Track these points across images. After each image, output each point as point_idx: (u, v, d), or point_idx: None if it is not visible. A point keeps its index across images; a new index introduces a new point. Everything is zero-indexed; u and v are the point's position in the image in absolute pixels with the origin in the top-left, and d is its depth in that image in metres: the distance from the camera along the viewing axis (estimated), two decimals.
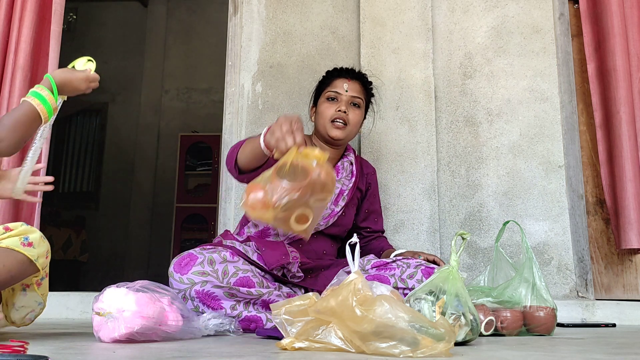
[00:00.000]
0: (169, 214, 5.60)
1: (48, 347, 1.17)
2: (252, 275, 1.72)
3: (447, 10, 2.54)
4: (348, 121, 1.95)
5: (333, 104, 1.97)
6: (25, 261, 1.30)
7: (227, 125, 2.56)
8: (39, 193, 2.39)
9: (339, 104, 1.96)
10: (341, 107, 1.95)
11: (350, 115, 1.96)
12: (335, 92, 1.97)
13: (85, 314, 2.26)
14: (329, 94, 1.98)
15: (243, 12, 2.64)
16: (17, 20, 2.47)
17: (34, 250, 1.31)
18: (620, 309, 2.17)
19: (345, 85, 1.98)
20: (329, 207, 1.94)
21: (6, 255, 1.27)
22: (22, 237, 1.31)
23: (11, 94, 2.40)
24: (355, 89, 1.99)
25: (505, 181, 2.37)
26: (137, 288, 1.34)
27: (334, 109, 1.95)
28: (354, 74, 2.03)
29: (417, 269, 1.81)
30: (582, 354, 1.15)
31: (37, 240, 1.33)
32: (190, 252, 1.69)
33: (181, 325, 1.37)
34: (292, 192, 1.34)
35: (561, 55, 2.47)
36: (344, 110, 1.94)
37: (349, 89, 1.97)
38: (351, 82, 1.99)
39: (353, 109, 1.97)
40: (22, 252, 1.29)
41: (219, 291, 1.65)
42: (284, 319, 1.17)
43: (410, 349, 1.03)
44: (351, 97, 1.97)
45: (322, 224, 1.95)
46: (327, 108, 1.97)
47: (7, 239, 1.29)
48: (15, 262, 1.28)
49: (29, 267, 1.31)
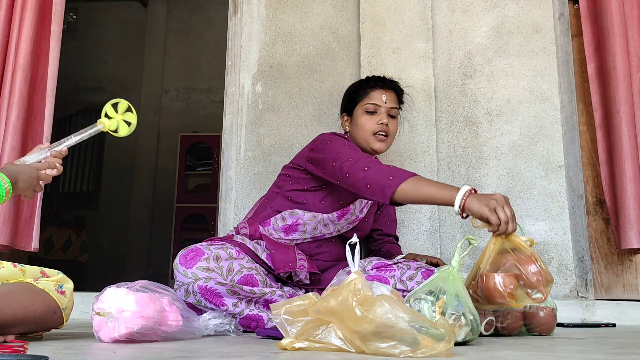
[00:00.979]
0: (169, 214, 5.60)
1: (48, 347, 1.17)
2: (256, 274, 1.72)
3: (447, 10, 2.54)
4: (389, 132, 1.94)
5: (373, 117, 1.94)
6: (53, 308, 1.29)
7: (227, 125, 2.56)
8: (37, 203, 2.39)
9: (379, 117, 1.94)
10: (382, 119, 1.93)
11: (390, 127, 1.95)
12: (374, 105, 1.95)
13: (85, 314, 2.26)
14: (367, 106, 1.95)
15: (243, 12, 2.64)
16: (17, 20, 2.47)
17: (64, 299, 1.32)
18: (620, 309, 2.17)
19: (383, 96, 1.96)
20: (357, 212, 1.97)
21: (38, 297, 1.26)
22: (58, 284, 1.32)
23: (11, 94, 2.40)
24: (392, 99, 1.98)
25: (505, 181, 2.37)
26: (137, 288, 1.34)
27: (375, 122, 1.93)
28: (390, 84, 2.01)
29: (417, 271, 1.81)
30: (582, 354, 1.15)
31: (69, 292, 1.34)
32: (198, 246, 1.70)
33: (181, 325, 1.37)
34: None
35: (561, 55, 2.47)
36: (386, 123, 1.93)
37: (387, 100, 1.96)
38: (388, 92, 1.98)
39: (391, 120, 1.97)
40: (54, 298, 1.29)
41: (222, 288, 1.65)
42: (284, 319, 1.17)
43: (410, 349, 1.03)
44: (390, 108, 1.96)
45: (345, 227, 1.97)
46: (367, 121, 1.94)
47: (44, 282, 1.30)
48: (43, 307, 1.26)
49: (54, 316, 1.30)
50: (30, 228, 2.38)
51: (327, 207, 1.92)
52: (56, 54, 2.48)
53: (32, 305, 1.24)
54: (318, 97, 2.53)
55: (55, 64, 2.47)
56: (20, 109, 2.40)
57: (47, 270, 1.34)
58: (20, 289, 1.24)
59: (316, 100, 2.52)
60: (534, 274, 1.42)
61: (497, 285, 1.40)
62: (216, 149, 5.36)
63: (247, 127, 2.53)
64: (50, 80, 2.46)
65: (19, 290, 1.24)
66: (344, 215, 1.94)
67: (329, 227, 1.95)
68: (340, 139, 1.89)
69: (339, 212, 1.93)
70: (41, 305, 1.26)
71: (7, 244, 2.31)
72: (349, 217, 1.96)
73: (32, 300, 1.24)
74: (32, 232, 2.37)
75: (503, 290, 1.39)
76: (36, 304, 1.25)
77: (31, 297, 1.24)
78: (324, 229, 1.95)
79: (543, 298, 1.42)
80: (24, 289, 1.25)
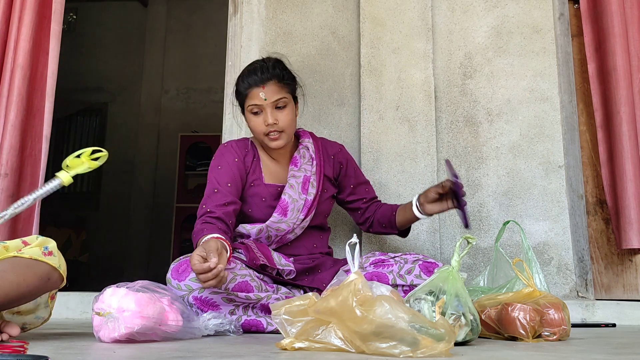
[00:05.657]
0: (169, 214, 5.60)
1: (48, 347, 1.17)
2: (251, 280, 1.71)
3: (447, 10, 2.54)
4: (282, 128, 1.86)
5: (259, 117, 1.86)
6: (47, 274, 1.27)
7: (227, 125, 2.56)
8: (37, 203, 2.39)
9: (264, 116, 1.85)
10: (267, 119, 1.84)
11: (281, 120, 1.85)
12: (255, 105, 1.85)
13: (85, 314, 2.26)
14: (250, 107, 1.87)
15: (243, 12, 2.64)
16: (16, 19, 2.46)
17: (55, 258, 1.30)
18: (620, 309, 2.17)
19: (261, 94, 1.84)
20: (299, 197, 1.91)
21: (27, 270, 1.24)
22: (42, 247, 1.30)
23: (10, 92, 2.40)
24: (274, 91, 1.85)
25: (505, 181, 2.37)
26: (137, 288, 1.34)
27: (263, 123, 1.85)
28: (266, 76, 1.86)
29: (415, 264, 1.80)
30: (582, 354, 1.15)
31: (56, 250, 1.32)
32: (188, 258, 1.66)
33: (181, 326, 1.37)
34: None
35: (561, 55, 2.47)
36: (272, 122, 1.84)
37: (267, 96, 1.84)
38: (266, 86, 1.84)
39: (280, 112, 1.86)
40: (45, 261, 1.27)
41: (217, 297, 1.65)
42: (283, 319, 1.17)
43: (410, 349, 1.03)
44: (273, 102, 1.85)
45: (306, 220, 1.94)
46: (255, 123, 1.87)
47: (28, 250, 1.28)
48: (35, 278, 1.24)
49: (48, 282, 1.28)
50: (29, 228, 2.38)
51: (259, 214, 1.91)
52: (56, 52, 2.47)
53: (24, 280, 1.22)
54: (318, 97, 2.53)
55: (55, 63, 2.47)
56: (19, 108, 2.40)
57: (27, 238, 1.32)
58: (7, 267, 1.22)
59: (316, 100, 2.52)
60: (557, 319, 1.42)
61: (520, 317, 1.39)
62: (216, 149, 5.35)
63: (247, 127, 2.53)
64: (50, 79, 2.45)
65: (6, 268, 1.22)
66: (287, 208, 1.89)
67: (282, 227, 1.90)
68: (214, 164, 1.92)
69: (277, 210, 1.89)
70: (32, 278, 1.24)
71: None
72: (292, 206, 1.90)
73: (23, 276, 1.22)
74: (32, 231, 2.37)
75: (526, 324, 1.38)
76: (28, 278, 1.23)
77: (21, 272, 1.22)
78: (277, 232, 1.90)
79: (555, 338, 1.41)
80: (11, 266, 1.23)
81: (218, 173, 1.89)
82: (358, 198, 2.08)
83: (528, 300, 1.44)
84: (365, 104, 2.44)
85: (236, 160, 1.92)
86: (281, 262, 1.84)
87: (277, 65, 1.91)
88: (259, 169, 1.95)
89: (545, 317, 1.42)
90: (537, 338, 1.40)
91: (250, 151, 1.97)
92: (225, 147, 1.97)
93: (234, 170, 1.90)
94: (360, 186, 2.09)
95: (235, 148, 1.96)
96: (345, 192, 2.07)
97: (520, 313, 1.39)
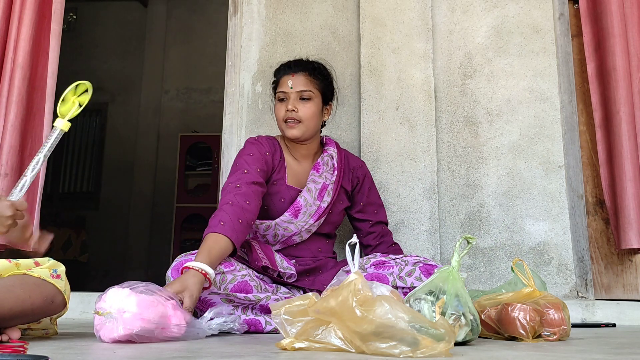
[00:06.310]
0: (169, 214, 5.60)
1: (48, 347, 1.17)
2: (250, 280, 1.71)
3: (447, 10, 2.54)
4: (300, 118, 1.91)
5: (283, 104, 1.94)
6: (52, 297, 1.29)
7: (227, 125, 2.56)
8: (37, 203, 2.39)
9: (287, 103, 1.92)
10: (289, 106, 1.91)
11: (301, 111, 1.91)
12: (282, 92, 1.94)
13: (85, 314, 2.26)
14: (278, 94, 1.96)
15: (243, 12, 2.64)
16: (16, 19, 2.46)
17: (62, 282, 1.33)
18: (620, 309, 2.17)
19: (289, 82, 1.93)
20: (313, 203, 1.93)
21: (34, 289, 1.26)
22: (52, 269, 1.33)
23: (10, 92, 2.40)
24: (301, 82, 1.93)
25: (505, 181, 2.37)
26: (141, 290, 1.32)
27: (284, 109, 1.92)
28: (298, 67, 1.96)
29: (415, 267, 1.80)
30: (582, 354, 1.15)
31: (64, 275, 1.35)
32: (189, 257, 1.67)
33: (183, 332, 1.35)
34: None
35: (561, 55, 2.47)
36: (292, 109, 1.90)
37: (293, 85, 1.92)
38: (295, 76, 1.93)
39: (303, 104, 1.92)
40: (53, 283, 1.29)
41: (216, 297, 1.65)
42: (283, 319, 1.17)
43: (410, 349, 1.03)
44: (298, 92, 1.92)
45: (314, 225, 1.95)
46: (278, 109, 1.95)
47: (38, 270, 1.30)
48: (40, 298, 1.26)
49: (52, 305, 1.30)
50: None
51: (275, 213, 1.91)
52: (56, 52, 2.47)
53: (30, 298, 1.24)
54: None
55: (55, 63, 2.47)
56: (19, 108, 2.40)
57: (39, 259, 1.35)
58: (16, 282, 1.24)
59: None
60: (557, 319, 1.42)
61: (520, 317, 1.39)
62: (216, 149, 5.36)
63: (247, 127, 2.53)
64: (50, 79, 2.45)
65: (15, 283, 1.24)
66: (299, 211, 1.91)
67: (290, 228, 1.91)
68: (245, 152, 1.89)
69: (290, 211, 1.90)
70: (38, 297, 1.26)
71: (5, 244, 2.30)
72: (305, 209, 1.92)
73: (29, 293, 1.24)
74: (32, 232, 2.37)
75: (526, 324, 1.38)
76: (33, 296, 1.25)
77: (28, 289, 1.25)
78: (285, 232, 1.91)
79: (555, 338, 1.41)
80: (20, 282, 1.25)
81: (249, 158, 1.87)
82: (364, 219, 2.09)
83: (528, 300, 1.44)
84: (365, 104, 2.44)
85: (267, 154, 1.93)
86: (283, 265, 1.84)
87: (313, 63, 2.01)
88: (283, 169, 1.97)
89: (545, 317, 1.42)
90: (537, 338, 1.40)
91: (278, 150, 1.99)
92: (257, 139, 1.98)
93: (264, 160, 1.91)
94: (370, 206, 2.10)
95: (266, 143, 1.97)
96: (355, 209, 2.09)
97: (520, 313, 1.39)
